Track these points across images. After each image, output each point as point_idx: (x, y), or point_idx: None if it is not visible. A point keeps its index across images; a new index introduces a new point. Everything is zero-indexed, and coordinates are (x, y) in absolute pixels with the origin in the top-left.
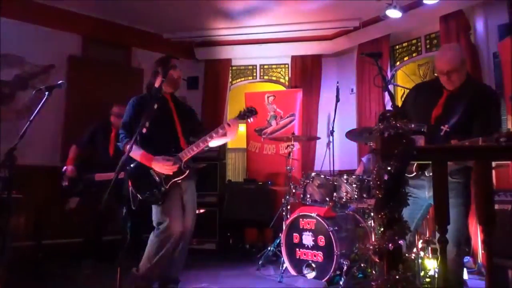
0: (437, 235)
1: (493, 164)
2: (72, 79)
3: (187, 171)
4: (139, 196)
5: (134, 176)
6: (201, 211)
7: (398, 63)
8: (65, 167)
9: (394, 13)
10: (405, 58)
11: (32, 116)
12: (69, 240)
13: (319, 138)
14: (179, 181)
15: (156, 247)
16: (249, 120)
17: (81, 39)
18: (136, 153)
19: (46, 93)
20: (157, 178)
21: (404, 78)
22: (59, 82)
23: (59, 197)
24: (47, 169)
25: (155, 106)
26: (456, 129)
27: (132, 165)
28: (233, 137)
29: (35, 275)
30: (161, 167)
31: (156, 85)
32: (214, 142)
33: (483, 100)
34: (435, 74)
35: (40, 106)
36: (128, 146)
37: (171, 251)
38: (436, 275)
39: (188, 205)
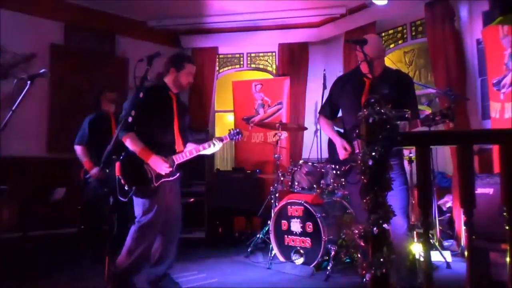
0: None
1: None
2: (54, 68)
3: (177, 174)
4: (126, 186)
5: (126, 165)
6: (190, 200)
7: None
8: (89, 173)
9: (379, 0)
10: (391, 45)
11: (15, 106)
12: (56, 231)
13: (306, 128)
14: (168, 181)
15: (139, 240)
16: (236, 138)
17: (63, 27)
18: (136, 145)
19: (28, 82)
20: (149, 174)
21: (391, 65)
22: (41, 71)
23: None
24: (33, 159)
25: (140, 95)
26: None
27: (124, 154)
28: (211, 152)
29: (22, 267)
30: (158, 166)
31: (168, 80)
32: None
33: (405, 83)
34: (359, 61)
35: (22, 95)
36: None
37: (152, 245)
38: (422, 259)
39: (173, 203)
